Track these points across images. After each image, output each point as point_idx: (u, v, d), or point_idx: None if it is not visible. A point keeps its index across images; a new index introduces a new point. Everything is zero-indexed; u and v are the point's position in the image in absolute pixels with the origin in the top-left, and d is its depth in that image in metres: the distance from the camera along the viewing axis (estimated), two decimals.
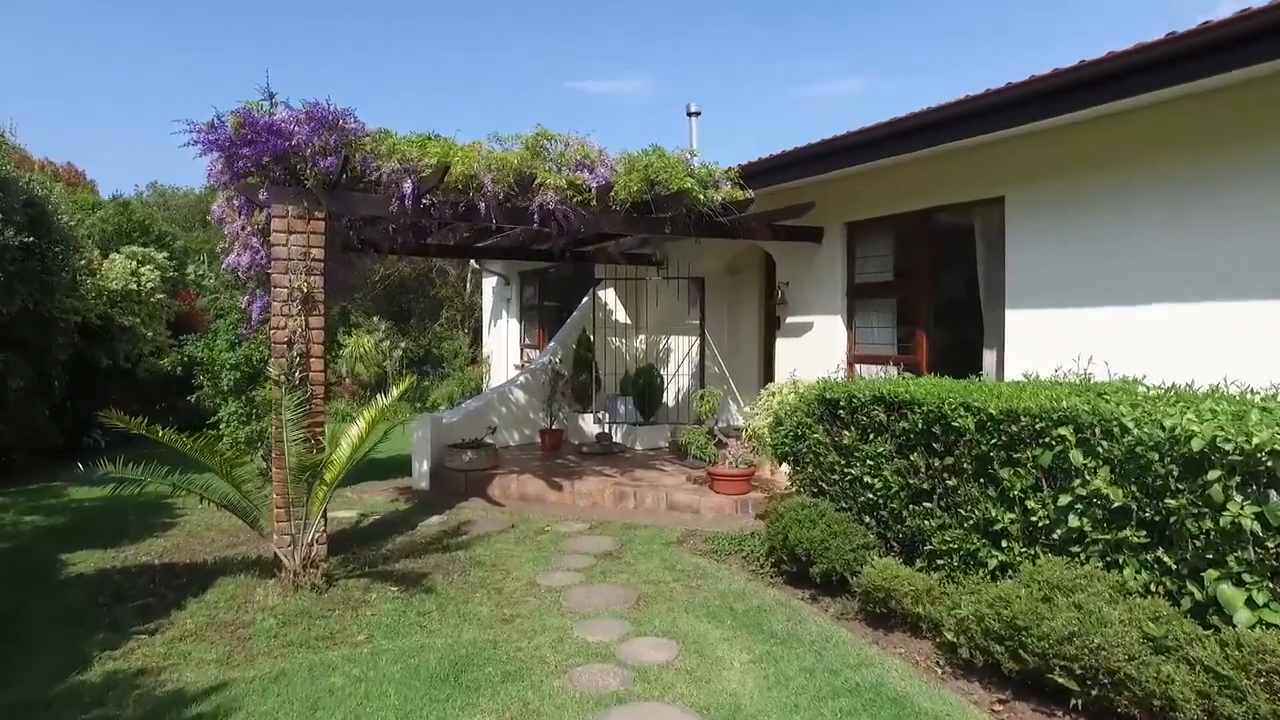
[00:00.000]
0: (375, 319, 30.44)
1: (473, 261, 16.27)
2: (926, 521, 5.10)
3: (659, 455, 10.79)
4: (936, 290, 8.09)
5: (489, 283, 17.43)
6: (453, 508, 8.68)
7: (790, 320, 9.49)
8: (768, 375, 11.36)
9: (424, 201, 6.73)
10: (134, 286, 13.07)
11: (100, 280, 12.72)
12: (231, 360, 9.46)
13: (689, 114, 13.01)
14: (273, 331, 6.20)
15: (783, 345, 9.62)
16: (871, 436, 5.52)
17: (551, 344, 12.28)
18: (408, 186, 6.52)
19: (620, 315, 12.23)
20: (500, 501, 8.93)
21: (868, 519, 5.62)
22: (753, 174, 8.13)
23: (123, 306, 13.05)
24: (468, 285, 35.72)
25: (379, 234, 8.91)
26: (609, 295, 12.23)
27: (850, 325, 8.80)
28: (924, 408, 5.05)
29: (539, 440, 11.49)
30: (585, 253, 11.52)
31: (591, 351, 11.73)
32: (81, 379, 13.63)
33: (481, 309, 19.02)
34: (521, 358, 16.33)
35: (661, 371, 11.43)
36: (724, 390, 11.53)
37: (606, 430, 11.35)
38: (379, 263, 33.65)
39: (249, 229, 7.06)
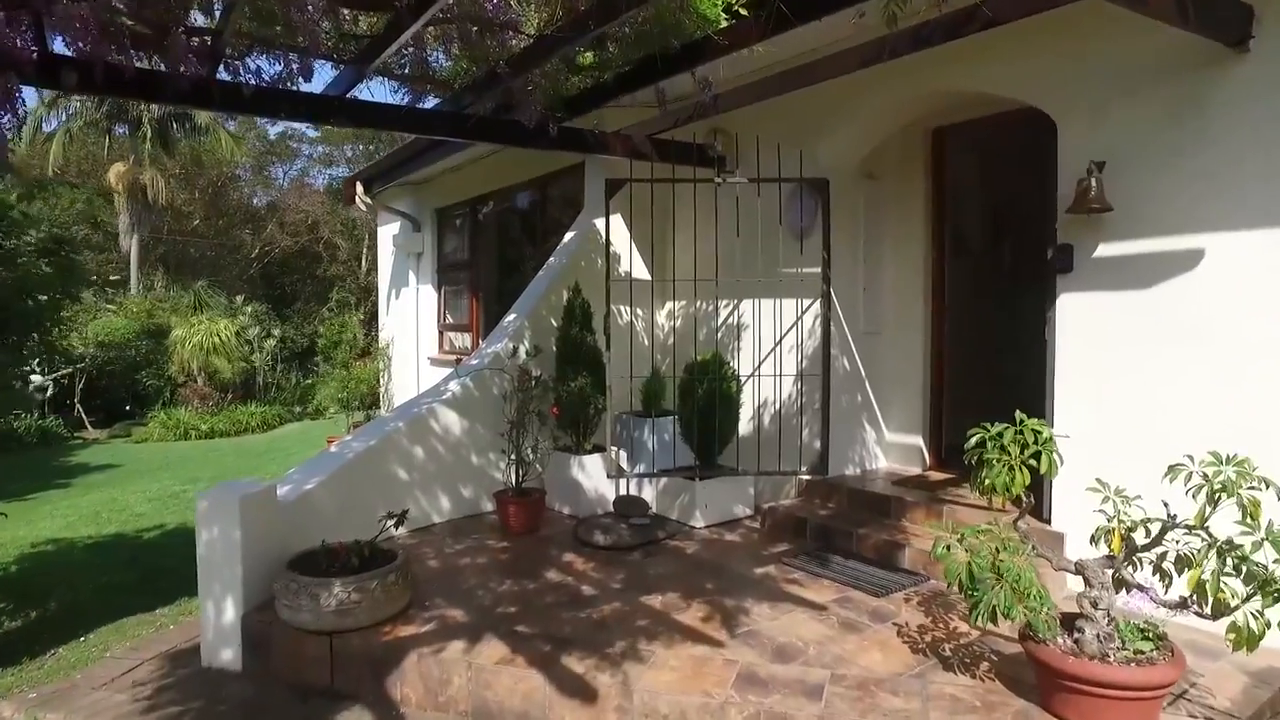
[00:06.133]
0: (240, 299, 23.70)
1: (360, 197, 10.25)
2: None
3: (753, 546, 5.22)
4: None
5: (387, 231, 11.34)
6: None
7: (1109, 251, 4.06)
8: (936, 372, 5.93)
9: None
10: None
11: None
12: None
13: None
14: None
15: (1088, 308, 4.17)
16: None
17: (511, 318, 6.47)
18: None
19: (635, 264, 6.51)
20: None
21: None
22: None
23: None
24: (364, 261, 29.06)
25: None
26: (615, 229, 6.42)
27: None
28: None
29: (494, 511, 5.74)
30: (581, 134, 5.75)
31: (593, 331, 6.03)
32: None
33: (378, 277, 12.92)
34: (442, 346, 10.41)
35: (734, 369, 5.83)
36: (859, 399, 6.03)
37: (633, 491, 5.71)
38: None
39: None
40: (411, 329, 10.74)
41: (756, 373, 5.87)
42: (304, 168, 34.87)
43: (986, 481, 3.13)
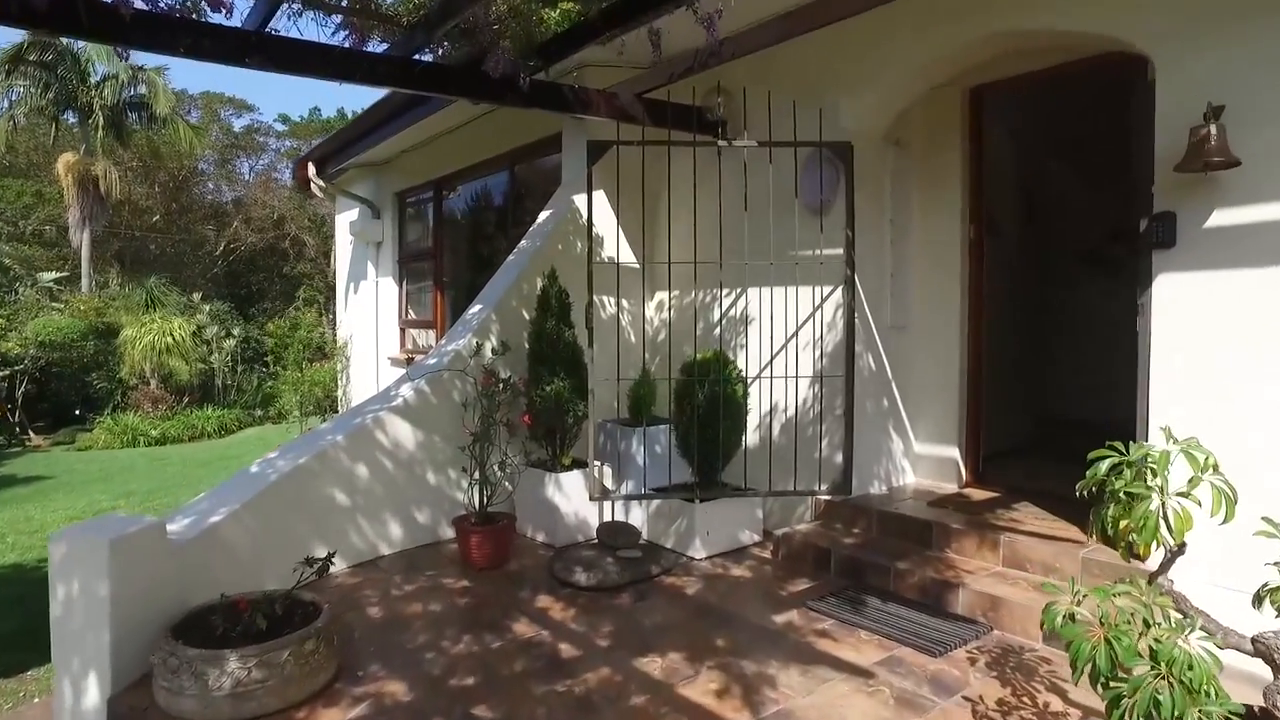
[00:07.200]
0: (197, 297, 22.48)
1: (313, 179, 9.27)
2: None
3: (767, 583, 4.32)
4: None
5: (344, 220, 10.34)
6: None
7: (1228, 218, 3.22)
8: (972, 373, 5.08)
9: None
10: None
11: None
12: None
13: None
14: None
15: (1198, 292, 3.31)
16: None
17: (475, 310, 5.52)
18: None
19: (622, 246, 5.58)
20: None
21: None
22: None
23: None
24: (332, 258, 27.83)
25: None
26: (599, 207, 5.50)
27: None
28: None
29: (453, 539, 4.81)
30: (559, 89, 4.83)
31: (572, 325, 5.12)
32: None
33: (336, 270, 11.90)
34: (403, 345, 9.43)
35: (740, 369, 4.93)
36: (885, 404, 5.16)
37: (620, 515, 4.81)
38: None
39: None
40: (371, 326, 9.75)
41: (767, 373, 4.98)
42: (271, 162, 33.61)
43: (1122, 524, 2.25)
